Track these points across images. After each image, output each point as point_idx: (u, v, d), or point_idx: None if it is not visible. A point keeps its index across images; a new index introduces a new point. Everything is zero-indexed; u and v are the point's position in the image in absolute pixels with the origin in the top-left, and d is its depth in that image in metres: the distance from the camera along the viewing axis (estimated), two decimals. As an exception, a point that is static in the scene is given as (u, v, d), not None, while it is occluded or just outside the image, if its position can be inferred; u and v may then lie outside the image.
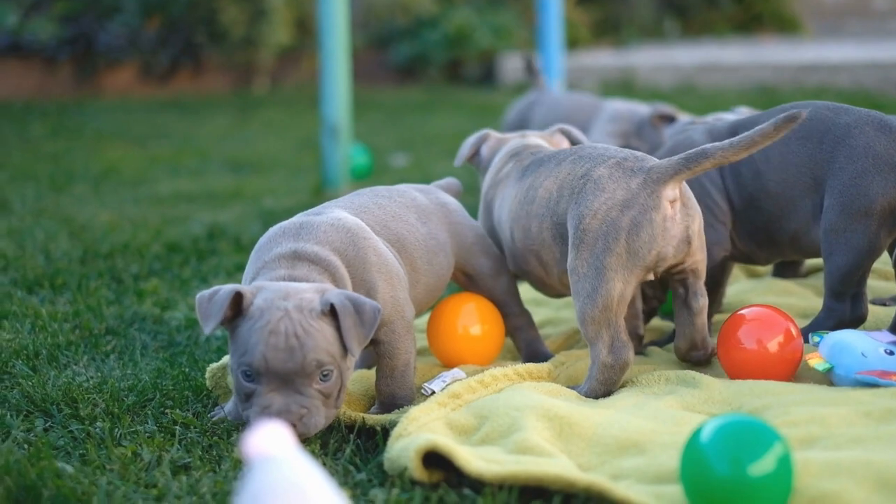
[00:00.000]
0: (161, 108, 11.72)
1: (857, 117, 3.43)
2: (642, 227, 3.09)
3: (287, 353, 2.77)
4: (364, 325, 2.85)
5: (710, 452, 2.28)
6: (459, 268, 3.46)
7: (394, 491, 2.56)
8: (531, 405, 2.84)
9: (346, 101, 6.02)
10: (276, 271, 2.97)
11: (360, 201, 3.29)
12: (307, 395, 2.80)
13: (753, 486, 2.24)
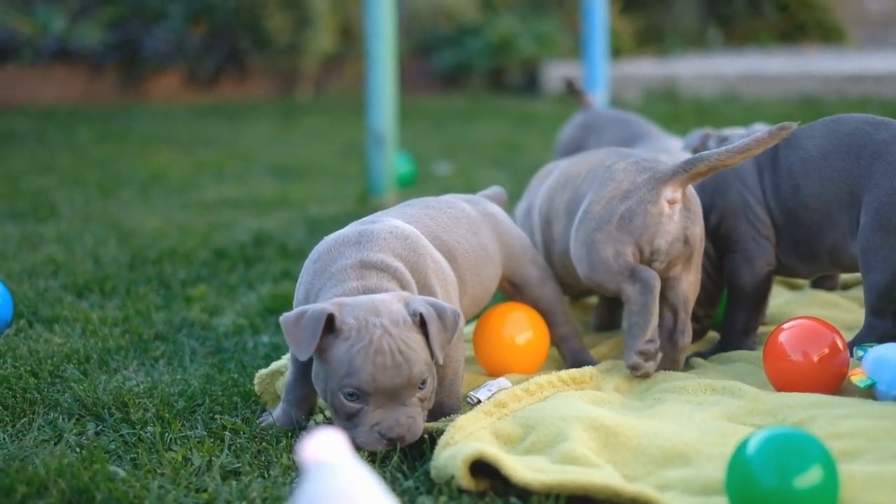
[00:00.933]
0: (206, 114, 11.81)
1: (895, 132, 3.42)
2: (636, 215, 3.35)
3: (395, 370, 2.80)
4: (447, 329, 2.90)
5: (757, 464, 2.30)
6: (506, 277, 3.49)
7: (441, 498, 2.59)
8: (577, 415, 2.86)
9: (392, 109, 6.06)
10: (346, 283, 2.98)
11: (411, 212, 3.32)
12: (411, 405, 2.85)
13: (799, 498, 2.26)
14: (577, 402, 2.99)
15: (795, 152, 3.55)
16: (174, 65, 13.08)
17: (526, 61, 13.21)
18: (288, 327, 2.85)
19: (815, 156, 3.50)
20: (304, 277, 3.10)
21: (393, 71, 6.02)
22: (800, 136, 3.57)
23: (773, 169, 3.59)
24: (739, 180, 3.64)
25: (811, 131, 3.55)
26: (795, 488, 2.27)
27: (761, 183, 3.61)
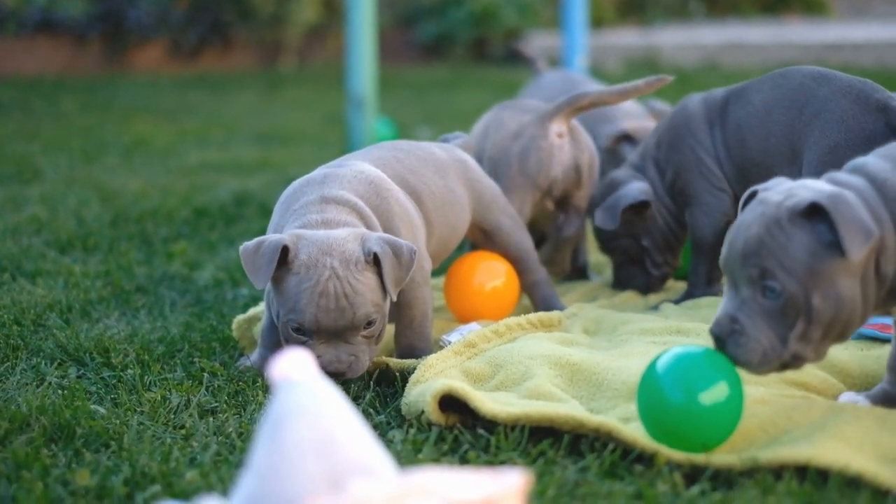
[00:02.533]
0: (189, 85, 11.84)
1: (836, 88, 3.40)
2: (530, 151, 3.76)
3: (338, 313, 2.88)
4: (402, 266, 2.96)
5: (664, 381, 2.42)
6: (476, 224, 3.57)
7: (411, 431, 2.68)
8: (544, 353, 2.95)
9: (372, 73, 6.12)
10: (307, 216, 3.05)
11: (379, 153, 3.39)
12: (355, 343, 2.93)
13: (704, 414, 2.39)
14: (544, 342, 3.07)
15: (743, 107, 3.61)
16: (158, 36, 13.10)
17: (508, 31, 13.27)
18: (246, 256, 2.93)
19: (759, 109, 3.55)
20: (274, 217, 3.19)
21: (372, 34, 6.08)
22: (749, 89, 3.63)
23: (723, 123, 3.67)
24: (692, 135, 3.72)
25: (759, 85, 3.60)
26: (700, 404, 2.38)
27: (712, 137, 3.69)
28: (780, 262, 2.37)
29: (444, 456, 2.55)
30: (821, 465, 2.33)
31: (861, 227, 2.34)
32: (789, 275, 2.37)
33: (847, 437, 2.41)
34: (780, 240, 2.38)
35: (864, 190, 2.44)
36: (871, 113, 3.32)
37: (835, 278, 2.37)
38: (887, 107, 3.34)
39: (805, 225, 2.38)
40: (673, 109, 3.88)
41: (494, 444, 2.57)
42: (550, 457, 2.51)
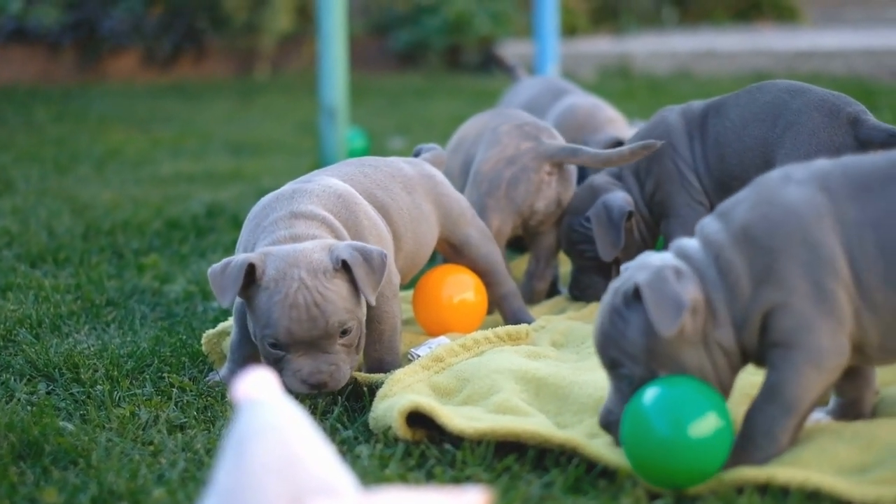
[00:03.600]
0: (164, 93, 11.83)
1: (808, 101, 3.52)
2: (520, 181, 3.85)
3: (310, 323, 2.89)
4: (375, 271, 2.96)
5: (652, 414, 2.35)
6: (444, 238, 3.59)
7: (378, 446, 2.69)
8: (511, 368, 2.98)
9: (344, 83, 6.14)
10: (276, 232, 3.06)
11: (347, 170, 3.40)
12: (333, 353, 2.94)
13: (692, 448, 2.33)
14: (511, 356, 3.10)
15: (721, 121, 3.68)
16: (132, 45, 13.08)
17: (482, 39, 13.29)
18: (214, 277, 2.94)
19: (736, 123, 3.64)
20: (243, 235, 3.19)
21: (344, 45, 6.10)
22: (727, 103, 3.70)
23: (702, 137, 3.72)
24: (672, 148, 3.76)
25: (737, 99, 3.69)
26: (689, 438, 2.32)
27: (692, 150, 3.74)
28: (623, 349, 2.43)
29: (411, 471, 2.57)
30: (781, 483, 2.36)
31: (672, 304, 2.36)
32: (633, 360, 2.43)
33: (804, 460, 2.45)
34: (619, 327, 2.44)
35: (698, 259, 2.46)
36: (841, 126, 3.44)
37: (675, 353, 2.41)
38: (857, 120, 3.45)
39: (638, 307, 2.42)
40: (650, 121, 3.92)
41: (460, 460, 2.59)
42: (515, 472, 2.53)
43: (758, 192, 2.51)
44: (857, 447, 2.48)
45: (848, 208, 2.44)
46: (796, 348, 2.41)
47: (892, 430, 2.52)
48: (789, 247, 2.41)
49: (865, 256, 2.41)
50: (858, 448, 2.47)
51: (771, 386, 2.45)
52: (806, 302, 2.40)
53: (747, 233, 2.45)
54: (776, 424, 2.46)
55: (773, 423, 2.46)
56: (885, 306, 2.41)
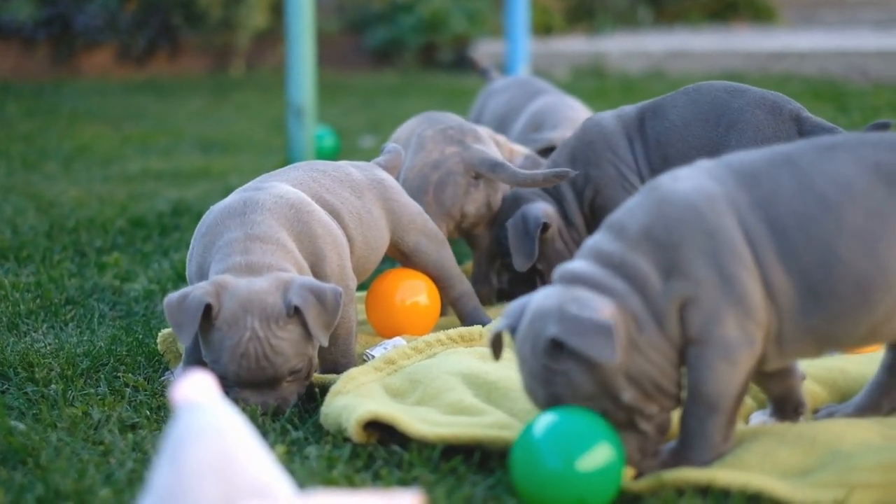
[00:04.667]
0: (138, 90, 11.81)
1: (750, 100, 3.62)
2: (447, 185, 3.87)
3: (259, 371, 2.92)
4: (328, 312, 2.96)
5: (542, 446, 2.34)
6: (395, 244, 3.59)
7: (326, 447, 2.71)
8: (462, 371, 2.99)
9: (312, 82, 6.15)
10: (231, 258, 3.04)
11: (296, 174, 3.40)
12: (280, 389, 2.96)
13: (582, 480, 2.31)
14: (463, 357, 3.11)
15: (660, 122, 3.72)
16: (106, 40, 13.05)
17: (457, 38, 13.30)
18: (170, 310, 2.94)
19: (677, 124, 3.68)
20: (196, 251, 3.16)
21: (312, 44, 6.10)
22: (663, 105, 3.76)
23: (643, 139, 3.75)
24: (611, 151, 3.78)
25: (675, 101, 3.74)
26: (578, 471, 2.31)
27: (633, 153, 3.77)
28: (581, 397, 2.41)
29: (358, 473, 2.58)
30: (722, 485, 2.38)
31: (599, 333, 2.35)
32: (594, 400, 2.41)
33: (747, 463, 2.47)
34: (563, 383, 2.41)
35: (594, 276, 2.47)
36: (785, 122, 3.57)
37: (621, 369, 2.40)
38: (799, 117, 3.59)
39: (565, 356, 2.40)
40: (582, 127, 3.92)
41: (407, 461, 2.60)
42: (461, 473, 2.54)
43: (650, 196, 2.53)
44: (799, 450, 2.50)
45: (737, 193, 2.48)
46: (707, 345, 2.43)
47: (833, 433, 2.54)
48: (690, 238, 2.44)
49: (759, 238, 2.45)
50: (801, 451, 2.50)
51: (692, 386, 2.47)
52: (713, 293, 2.41)
53: (648, 234, 2.46)
54: (705, 425, 2.48)
55: (702, 424, 2.48)
56: (781, 288, 2.44)
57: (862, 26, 14.62)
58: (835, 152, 2.53)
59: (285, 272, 3.01)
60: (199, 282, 3.02)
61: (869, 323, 2.48)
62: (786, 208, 2.47)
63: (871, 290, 2.45)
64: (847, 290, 2.45)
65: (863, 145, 2.53)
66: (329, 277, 3.18)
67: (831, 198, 2.47)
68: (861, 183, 2.47)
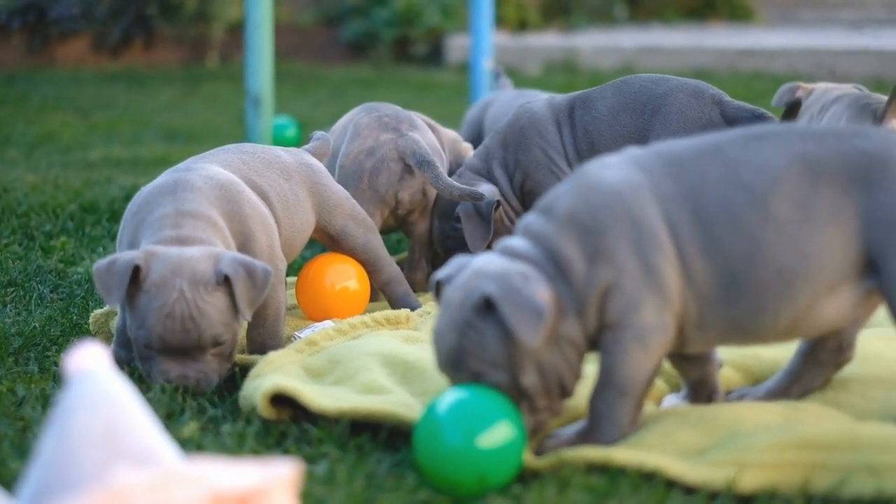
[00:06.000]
0: (111, 80, 11.81)
1: (673, 86, 3.78)
2: (381, 172, 3.93)
3: (183, 334, 2.94)
4: (256, 288, 3.01)
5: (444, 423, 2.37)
6: (322, 228, 3.63)
7: (240, 424, 2.75)
8: (380, 352, 3.03)
9: (269, 71, 6.17)
10: (162, 231, 3.08)
11: (225, 157, 3.44)
12: (203, 362, 2.99)
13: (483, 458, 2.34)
14: (387, 340, 3.15)
15: (588, 113, 3.84)
16: (81, 30, 13.05)
17: (430, 31, 13.33)
18: (99, 275, 2.98)
19: (606, 115, 3.80)
20: (126, 230, 3.20)
21: (269, 34, 6.12)
22: (592, 97, 3.90)
23: (571, 127, 3.85)
24: (541, 137, 3.88)
25: (602, 93, 3.88)
26: (478, 448, 2.34)
27: (562, 138, 3.86)
28: (485, 359, 2.44)
29: (269, 448, 2.62)
30: (619, 464, 2.42)
31: (530, 312, 2.39)
32: (496, 368, 2.44)
33: (648, 443, 2.51)
34: (476, 339, 2.44)
35: (532, 256, 2.50)
36: (707, 105, 3.73)
37: (534, 354, 2.44)
38: (721, 101, 3.76)
39: (489, 317, 2.43)
40: (515, 113, 4.02)
41: (316, 438, 2.65)
42: (368, 450, 2.59)
43: (577, 182, 2.58)
44: (699, 430, 2.55)
45: (663, 183, 2.53)
46: (624, 329, 2.47)
47: (733, 414, 2.59)
48: (615, 225, 2.48)
49: (683, 228, 2.49)
50: (701, 431, 2.54)
51: (605, 370, 2.52)
52: (635, 280, 2.46)
53: (573, 219, 2.51)
54: (614, 409, 2.53)
55: (611, 407, 2.53)
56: (702, 278, 2.49)
57: (838, 26, 14.69)
58: (761, 143, 2.57)
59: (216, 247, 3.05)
60: None
61: (790, 314, 2.53)
62: (712, 198, 2.52)
63: (794, 280, 2.50)
64: (770, 280, 2.50)
65: (789, 137, 2.57)
66: (258, 257, 3.21)
67: (757, 188, 2.51)
68: (787, 174, 2.51)
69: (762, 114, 3.78)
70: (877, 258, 2.49)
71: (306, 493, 2.33)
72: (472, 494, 2.34)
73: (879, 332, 3.08)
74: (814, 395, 2.81)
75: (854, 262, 2.50)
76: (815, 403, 2.75)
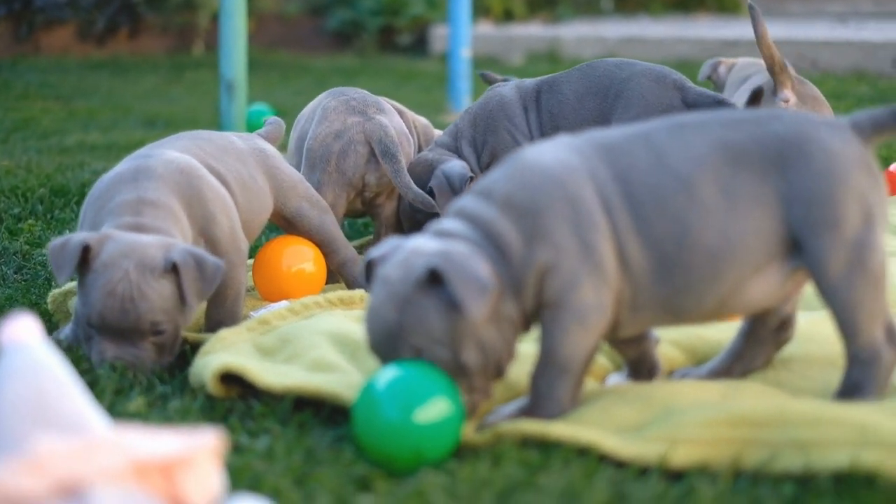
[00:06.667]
0: (96, 68, 11.82)
1: (636, 71, 3.88)
2: (349, 154, 3.97)
3: (121, 314, 2.97)
4: (205, 280, 3.04)
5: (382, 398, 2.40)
6: (277, 211, 3.67)
7: (187, 400, 2.78)
8: (332, 330, 3.06)
9: (243, 57, 6.20)
10: (122, 218, 3.11)
11: (182, 143, 3.47)
12: (140, 348, 3.02)
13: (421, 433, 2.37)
14: (337, 319, 3.18)
15: (555, 96, 3.91)
16: (67, 18, 13.06)
17: (415, 21, 13.36)
18: (53, 253, 3.02)
19: (571, 98, 3.87)
20: (87, 216, 3.22)
21: (243, 18, 6.15)
22: (559, 81, 3.98)
23: (537, 110, 3.92)
24: (508, 119, 3.95)
25: (568, 77, 3.96)
26: (416, 423, 2.37)
27: (528, 121, 3.92)
28: (426, 336, 2.45)
29: (213, 424, 2.65)
30: (554, 438, 2.46)
31: (476, 286, 2.41)
32: (437, 344, 2.45)
33: (587, 419, 2.55)
34: (417, 315, 2.45)
35: (469, 237, 2.53)
36: (668, 90, 3.82)
37: (475, 331, 2.47)
38: (683, 86, 3.85)
39: (431, 292, 2.45)
40: (484, 96, 4.13)
41: (260, 413, 2.68)
42: (309, 425, 2.62)
43: (513, 165, 2.61)
44: (636, 407, 2.58)
45: (597, 166, 2.57)
46: (563, 308, 2.51)
47: (671, 392, 2.63)
48: (553, 205, 2.51)
49: (616, 210, 2.54)
50: (638, 408, 2.58)
51: (545, 349, 2.56)
52: (574, 260, 2.50)
53: (511, 201, 2.54)
54: (554, 386, 2.56)
55: (551, 385, 2.56)
56: (635, 259, 2.53)
57: (825, 18, 14.72)
58: (685, 130, 2.63)
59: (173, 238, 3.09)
60: None
61: (718, 295, 2.58)
62: (641, 182, 2.56)
63: (721, 262, 2.55)
64: (697, 261, 2.55)
65: (710, 124, 2.63)
66: (220, 240, 3.25)
67: (683, 173, 2.56)
68: (710, 160, 2.57)
69: (722, 100, 3.86)
70: (798, 237, 2.55)
71: (245, 468, 2.36)
72: (408, 469, 2.37)
73: (824, 314, 3.11)
74: (755, 375, 2.85)
75: (778, 242, 2.56)
76: (755, 382, 2.79)
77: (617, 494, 2.23)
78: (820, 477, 2.28)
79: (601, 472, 2.33)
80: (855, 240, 2.55)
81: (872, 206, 2.58)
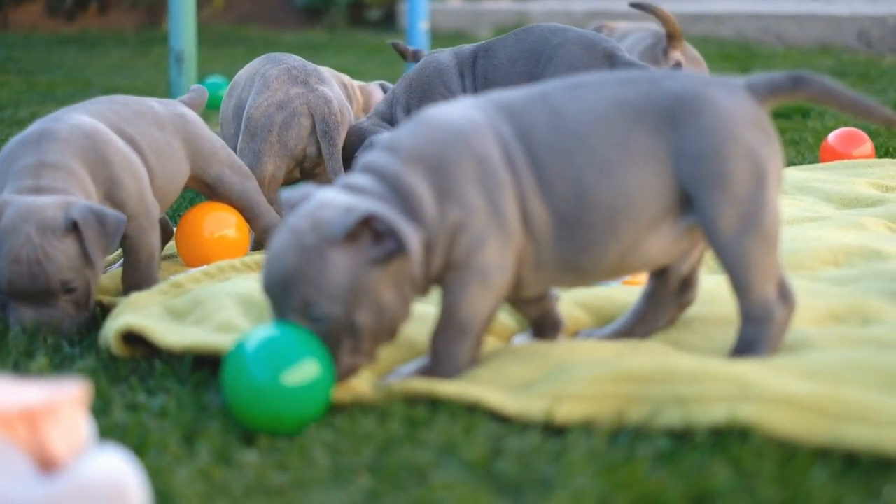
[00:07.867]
0: (64, 43, 11.83)
1: (567, 38, 3.88)
2: (292, 126, 3.97)
3: (30, 279, 3.00)
4: (107, 235, 3.06)
5: (250, 360, 2.37)
6: (197, 176, 3.68)
7: (91, 361, 2.81)
8: (241, 293, 3.09)
9: (192, 29, 6.23)
10: (22, 181, 3.13)
11: (96, 107, 3.48)
12: (56, 308, 3.05)
13: (288, 394, 2.34)
14: (251, 282, 3.20)
15: (490, 60, 3.92)
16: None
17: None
18: None
19: (504, 63, 3.88)
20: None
21: (192, -8, 6.18)
22: (495, 45, 3.97)
23: (473, 76, 3.94)
24: (443, 84, 3.97)
25: (504, 42, 3.97)
26: (284, 385, 2.34)
27: (463, 86, 3.95)
28: (321, 289, 2.42)
29: (115, 384, 2.68)
30: (441, 396, 2.49)
31: (407, 230, 2.41)
32: (332, 301, 2.42)
33: (481, 378, 2.58)
34: (317, 266, 2.41)
35: (379, 191, 2.52)
36: (598, 59, 3.84)
37: (376, 292, 2.46)
38: (613, 55, 3.86)
39: (343, 247, 2.42)
40: (422, 62, 4.13)
41: (160, 372, 2.71)
42: (206, 384, 2.65)
43: (421, 121, 2.63)
44: (530, 365, 2.60)
45: (500, 124, 2.60)
46: (467, 269, 2.53)
47: (565, 350, 2.66)
48: (461, 162, 2.54)
49: (519, 168, 2.57)
50: (531, 366, 2.60)
51: (446, 309, 2.58)
52: (482, 218, 2.52)
53: (420, 156, 2.54)
54: (453, 347, 2.59)
55: (450, 346, 2.59)
56: (538, 217, 2.57)
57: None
58: (582, 89, 2.67)
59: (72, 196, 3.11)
60: None
61: (618, 251, 2.61)
62: (542, 141, 2.59)
63: (617, 218, 2.58)
64: (596, 219, 2.58)
65: (607, 83, 2.67)
66: (128, 203, 3.27)
67: (579, 132, 2.60)
68: (605, 117, 2.61)
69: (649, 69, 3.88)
70: (690, 193, 2.58)
71: (137, 424, 2.40)
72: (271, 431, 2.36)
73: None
74: (657, 335, 2.88)
75: (672, 199, 2.60)
76: (655, 342, 2.82)
77: (494, 449, 2.27)
78: (697, 431, 2.32)
79: (482, 427, 2.36)
80: (746, 197, 2.59)
81: (765, 163, 2.61)
